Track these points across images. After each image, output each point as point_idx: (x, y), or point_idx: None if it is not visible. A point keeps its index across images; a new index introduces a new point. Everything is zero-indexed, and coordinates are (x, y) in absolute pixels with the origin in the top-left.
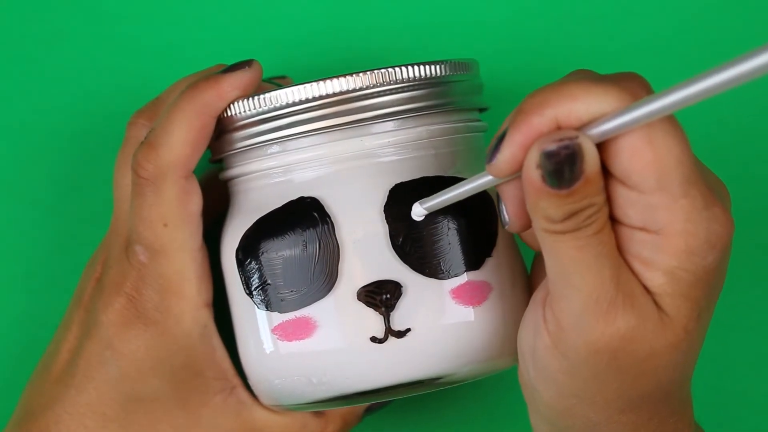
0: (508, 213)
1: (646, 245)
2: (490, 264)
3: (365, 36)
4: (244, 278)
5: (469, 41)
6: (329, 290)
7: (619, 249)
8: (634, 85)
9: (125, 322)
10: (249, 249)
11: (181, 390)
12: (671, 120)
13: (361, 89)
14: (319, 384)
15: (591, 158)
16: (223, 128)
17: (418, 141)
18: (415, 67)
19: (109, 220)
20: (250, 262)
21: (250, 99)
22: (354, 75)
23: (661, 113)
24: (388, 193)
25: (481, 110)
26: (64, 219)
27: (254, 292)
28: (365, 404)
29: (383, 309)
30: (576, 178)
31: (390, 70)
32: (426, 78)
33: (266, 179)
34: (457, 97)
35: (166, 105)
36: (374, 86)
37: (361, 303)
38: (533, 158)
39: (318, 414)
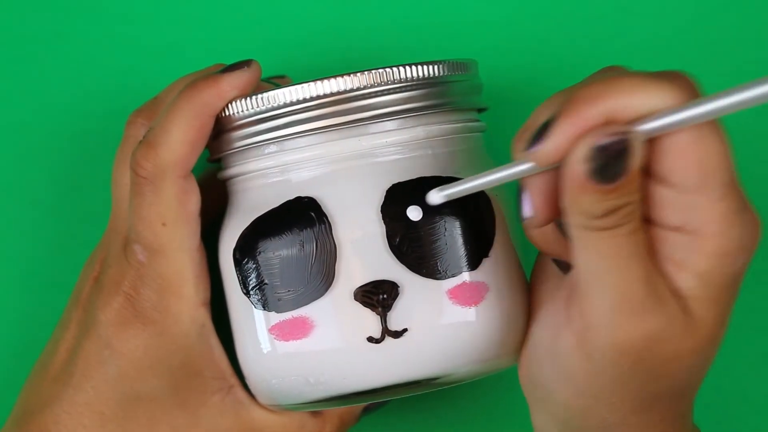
0: (533, 206)
1: (679, 246)
2: (487, 264)
3: (364, 36)
4: (242, 278)
5: (469, 41)
6: (326, 290)
7: (651, 250)
8: (686, 84)
9: (123, 321)
10: (246, 248)
11: (180, 389)
12: (716, 122)
13: (359, 89)
14: (316, 384)
15: (638, 155)
16: (221, 127)
17: (416, 141)
18: (414, 67)
19: (108, 220)
20: (247, 262)
21: (249, 98)
22: (352, 75)
23: (715, 115)
24: (385, 194)
25: (480, 110)
26: (64, 219)
27: (251, 292)
28: (363, 404)
29: (380, 309)
30: (621, 174)
31: (388, 70)
32: (424, 78)
33: (264, 179)
34: (456, 98)
35: (165, 104)
36: (372, 86)
37: (358, 303)
38: (582, 151)
39: (315, 414)
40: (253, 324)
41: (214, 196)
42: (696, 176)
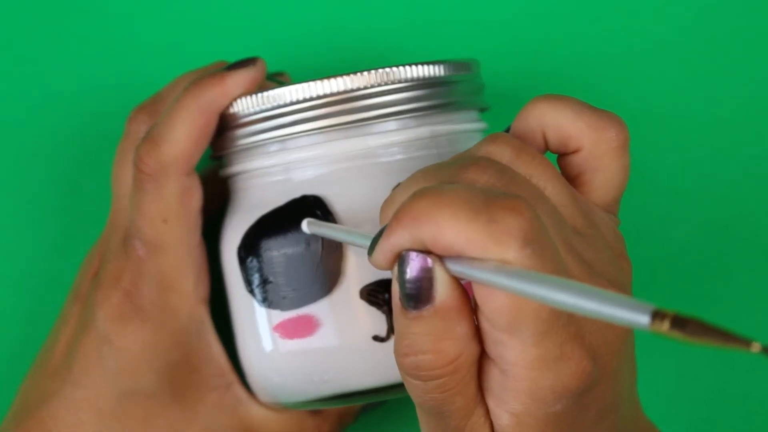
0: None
1: (497, 381)
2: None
3: (367, 35)
4: (246, 276)
5: (471, 41)
6: (332, 289)
7: (479, 377)
8: (511, 224)
9: (122, 316)
10: (251, 246)
11: (177, 386)
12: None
13: (364, 88)
14: (320, 382)
15: (443, 289)
16: (224, 125)
17: (420, 140)
18: (417, 67)
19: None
20: (252, 260)
21: (253, 97)
22: (356, 74)
23: (524, 292)
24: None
25: (482, 110)
26: (64, 219)
27: (255, 290)
28: (362, 403)
29: (386, 308)
30: (424, 303)
31: (392, 69)
32: (428, 78)
33: (268, 177)
34: (459, 97)
35: (168, 101)
36: (378, 85)
37: (363, 302)
38: (394, 273)
39: (314, 412)
40: (256, 322)
41: (215, 194)
42: (506, 320)
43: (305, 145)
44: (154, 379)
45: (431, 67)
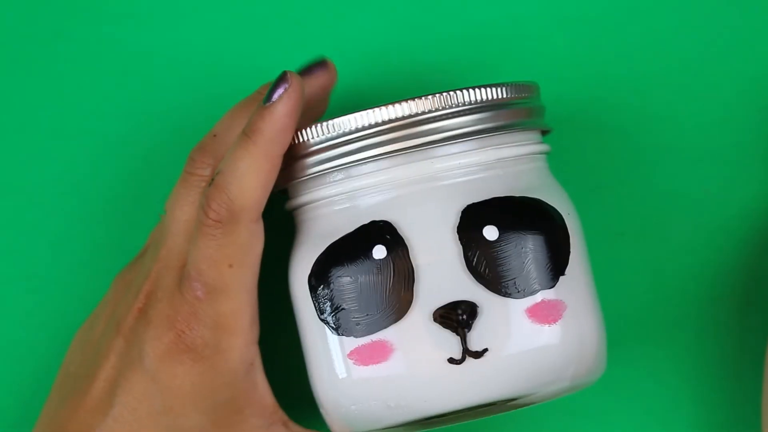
0: None
1: None
2: (564, 282)
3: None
4: (317, 304)
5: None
6: (404, 313)
7: None
8: None
9: (173, 356)
10: (321, 275)
11: (220, 426)
12: None
13: (427, 112)
14: (396, 408)
15: None
16: (288, 157)
17: (485, 162)
18: (480, 90)
19: (109, 221)
20: (323, 288)
21: (316, 126)
22: (420, 99)
23: None
24: (460, 215)
25: (544, 132)
26: (64, 219)
27: (328, 318)
28: None
29: (460, 329)
30: None
31: (455, 93)
32: (490, 100)
33: (334, 205)
34: (521, 119)
35: (227, 142)
36: (440, 109)
37: (437, 324)
38: None
39: None
40: (329, 350)
41: None
42: None
43: (370, 171)
44: (197, 419)
45: (494, 89)
